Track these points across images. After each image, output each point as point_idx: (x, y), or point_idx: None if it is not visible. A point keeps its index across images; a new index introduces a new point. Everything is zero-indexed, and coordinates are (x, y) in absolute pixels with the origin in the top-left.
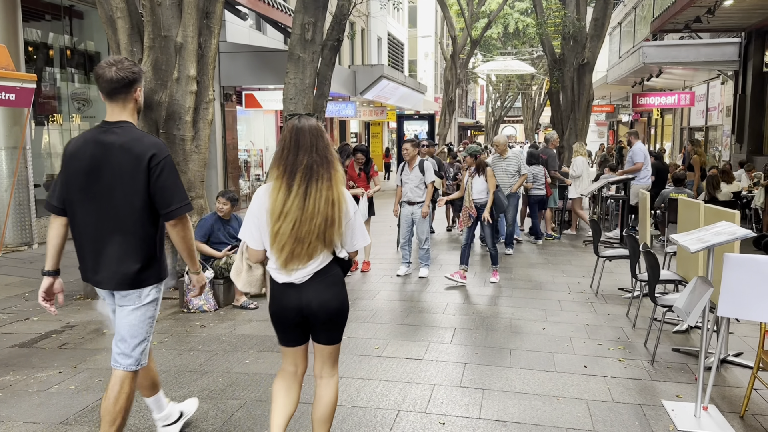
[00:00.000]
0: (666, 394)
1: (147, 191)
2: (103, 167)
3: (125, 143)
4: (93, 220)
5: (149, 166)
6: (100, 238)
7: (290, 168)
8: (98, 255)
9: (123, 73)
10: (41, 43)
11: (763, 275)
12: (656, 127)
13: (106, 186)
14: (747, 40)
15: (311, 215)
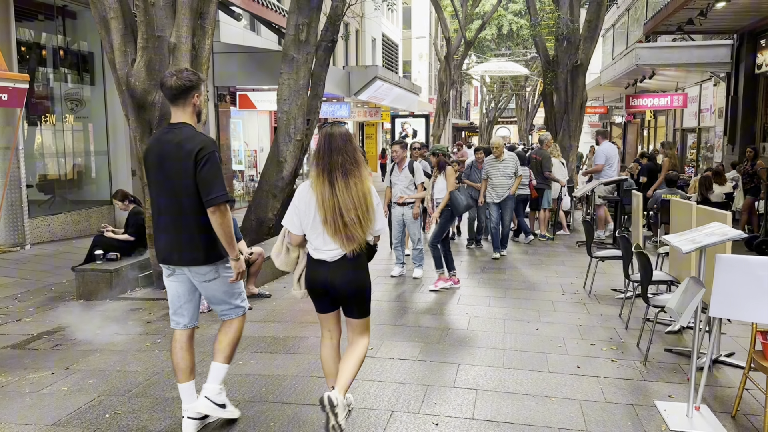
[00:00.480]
0: (658, 394)
1: (193, 181)
2: (165, 161)
3: (181, 141)
4: (164, 205)
5: (196, 159)
6: (169, 221)
7: (327, 167)
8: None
9: (181, 81)
10: (34, 43)
11: (755, 276)
12: (649, 128)
13: (170, 177)
14: (739, 42)
15: (350, 205)
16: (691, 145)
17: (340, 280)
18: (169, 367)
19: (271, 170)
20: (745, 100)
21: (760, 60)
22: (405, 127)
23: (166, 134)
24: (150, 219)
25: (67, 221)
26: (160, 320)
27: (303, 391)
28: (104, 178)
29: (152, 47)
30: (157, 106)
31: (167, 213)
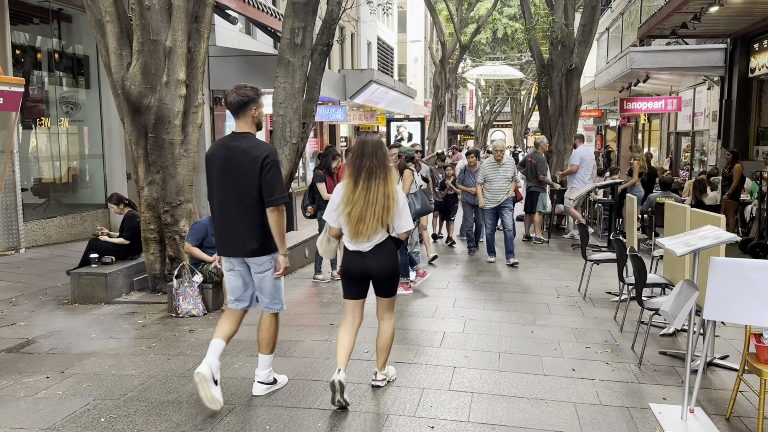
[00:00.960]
0: (653, 396)
1: (259, 184)
2: (230, 165)
3: (246, 148)
4: (224, 205)
5: (262, 164)
6: (228, 219)
7: (357, 169)
8: (227, 230)
9: (238, 97)
10: (29, 46)
11: (748, 279)
12: (644, 131)
13: (233, 179)
14: (732, 46)
15: (372, 203)
16: (685, 149)
17: (373, 267)
18: (164, 371)
19: None
20: (739, 104)
21: (753, 64)
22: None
23: (232, 141)
24: (144, 223)
25: (61, 225)
26: (155, 324)
27: (299, 395)
28: (99, 182)
29: (148, 51)
30: (153, 109)
31: (229, 210)
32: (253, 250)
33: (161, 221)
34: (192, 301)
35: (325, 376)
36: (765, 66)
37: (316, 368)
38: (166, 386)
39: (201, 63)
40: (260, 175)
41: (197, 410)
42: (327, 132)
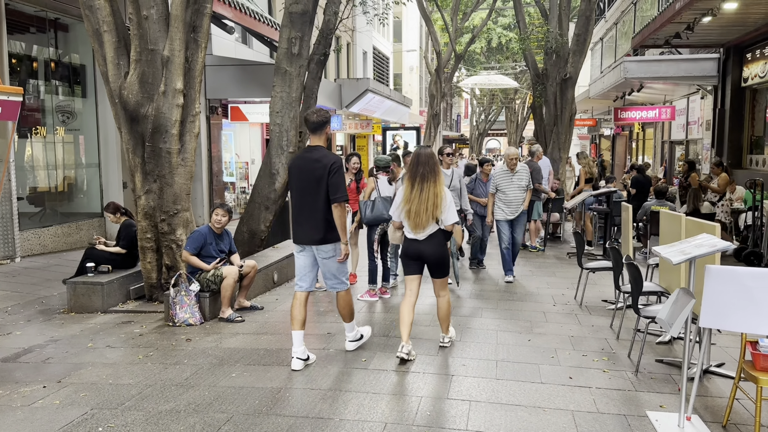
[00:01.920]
0: (650, 404)
1: (326, 186)
2: (305, 171)
3: (318, 158)
4: (301, 204)
5: (329, 170)
6: (303, 214)
7: (413, 175)
8: (302, 223)
9: (319, 118)
10: (25, 55)
11: (744, 286)
12: (638, 140)
13: (309, 183)
14: (725, 55)
15: (424, 200)
16: (679, 157)
17: (426, 251)
18: (161, 380)
19: (263, 182)
20: (732, 113)
21: (746, 73)
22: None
23: (308, 153)
24: (141, 232)
25: (57, 234)
26: (152, 333)
27: (297, 404)
28: (95, 191)
29: (145, 60)
30: (150, 118)
31: (306, 207)
32: (318, 239)
33: (158, 230)
34: (189, 310)
35: (324, 385)
36: (758, 75)
37: (313, 377)
38: (164, 395)
39: (198, 72)
40: (328, 178)
41: (195, 419)
42: None
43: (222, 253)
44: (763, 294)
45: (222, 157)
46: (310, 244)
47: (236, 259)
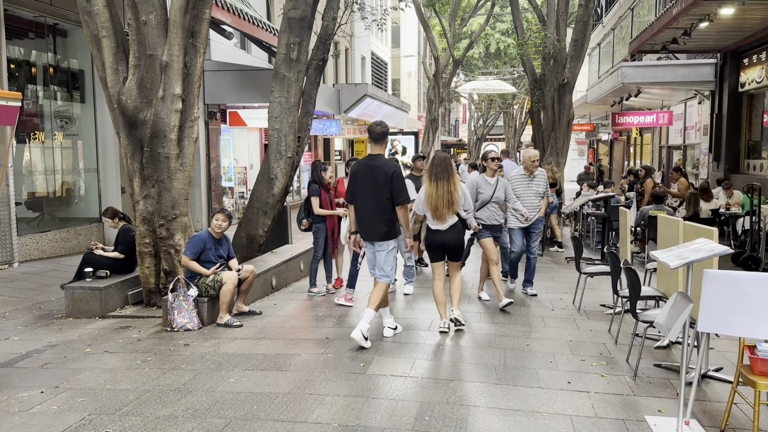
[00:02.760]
0: (648, 409)
1: (390, 190)
2: (369, 178)
3: (381, 165)
4: (365, 206)
5: (392, 177)
6: (368, 215)
7: (431, 175)
8: (367, 223)
9: (381, 130)
10: (24, 61)
11: (742, 291)
12: (635, 145)
13: (372, 187)
14: (723, 61)
15: (443, 196)
16: (677, 162)
17: (448, 239)
18: (159, 385)
19: (261, 187)
20: (729, 118)
21: (743, 78)
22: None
23: (371, 161)
24: (139, 237)
25: (55, 239)
26: (150, 338)
27: (295, 409)
28: (94, 196)
29: (144, 65)
30: (149, 123)
31: (369, 208)
32: (380, 236)
33: (156, 235)
34: (187, 315)
35: (322, 390)
36: (755, 80)
37: (311, 382)
38: (162, 400)
39: (197, 77)
40: (391, 184)
41: (193, 425)
42: (322, 146)
43: (221, 259)
44: (760, 298)
45: (221, 162)
46: (372, 240)
47: (234, 264)
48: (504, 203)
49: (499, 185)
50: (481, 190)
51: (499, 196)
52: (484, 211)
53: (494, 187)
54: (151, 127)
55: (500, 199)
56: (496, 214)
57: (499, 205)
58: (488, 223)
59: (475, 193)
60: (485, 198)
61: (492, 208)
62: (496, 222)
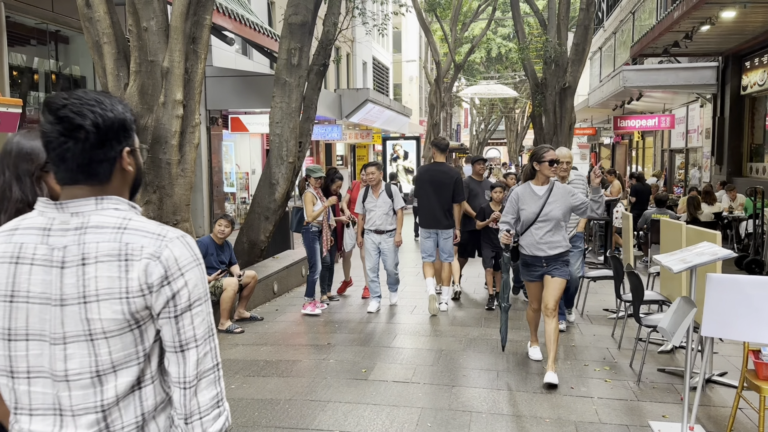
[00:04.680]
0: (652, 414)
1: (452, 191)
2: (434, 180)
3: (445, 171)
4: (430, 202)
5: (454, 181)
6: (433, 209)
7: None
8: (430, 215)
9: (445, 142)
10: (26, 67)
11: (745, 295)
12: (637, 149)
13: (436, 188)
14: (724, 64)
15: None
16: (679, 166)
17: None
18: None
19: (263, 193)
20: (732, 121)
21: (745, 81)
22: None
23: (435, 167)
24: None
25: None
26: None
27: (297, 415)
28: None
29: (145, 72)
30: (150, 129)
31: (432, 204)
32: (444, 225)
33: None
34: None
35: (324, 396)
36: (757, 83)
37: (313, 387)
38: None
39: (198, 83)
40: (453, 187)
41: None
42: (323, 151)
43: (222, 264)
44: (765, 302)
45: (222, 168)
46: (437, 229)
47: (236, 270)
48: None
49: (554, 196)
50: (523, 205)
51: (551, 212)
52: (526, 237)
53: (544, 198)
54: (153, 133)
55: (555, 217)
56: (550, 241)
57: (555, 227)
58: (529, 253)
59: (515, 210)
60: (528, 217)
61: (540, 232)
62: (544, 253)
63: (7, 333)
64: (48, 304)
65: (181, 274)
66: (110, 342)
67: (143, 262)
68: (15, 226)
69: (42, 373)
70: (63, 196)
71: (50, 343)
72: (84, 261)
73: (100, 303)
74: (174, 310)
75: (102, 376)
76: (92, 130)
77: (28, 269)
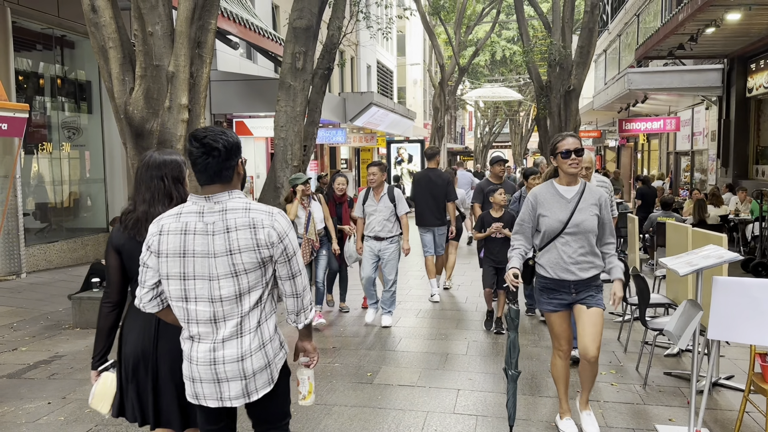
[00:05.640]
0: (659, 418)
1: (445, 192)
2: (430, 183)
3: (439, 175)
4: (427, 202)
5: (446, 183)
6: (429, 209)
7: None
8: (427, 215)
9: (431, 152)
10: (32, 72)
11: (752, 298)
12: (643, 151)
13: (431, 190)
14: (730, 66)
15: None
16: (684, 168)
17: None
18: None
19: (268, 196)
20: (737, 123)
21: (750, 84)
22: (401, 152)
23: (429, 172)
24: None
25: (63, 249)
26: None
27: (302, 419)
28: (101, 206)
29: (150, 76)
30: (155, 133)
31: (431, 204)
32: (437, 224)
33: None
34: None
35: (329, 400)
36: (762, 86)
37: (318, 392)
38: None
39: (203, 87)
40: (446, 188)
41: None
42: (328, 154)
43: None
44: None
45: None
46: (433, 227)
47: None
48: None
49: (585, 201)
50: (544, 210)
51: (584, 222)
52: (548, 253)
53: (574, 203)
54: (158, 137)
55: (588, 228)
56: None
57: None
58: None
59: (532, 218)
60: (552, 226)
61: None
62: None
63: (182, 275)
64: (206, 257)
65: (287, 235)
66: (248, 276)
67: (266, 230)
68: (179, 212)
69: (203, 298)
70: (203, 192)
71: (208, 280)
72: (228, 230)
73: (241, 254)
74: (286, 256)
75: (241, 296)
76: (223, 150)
77: (192, 237)
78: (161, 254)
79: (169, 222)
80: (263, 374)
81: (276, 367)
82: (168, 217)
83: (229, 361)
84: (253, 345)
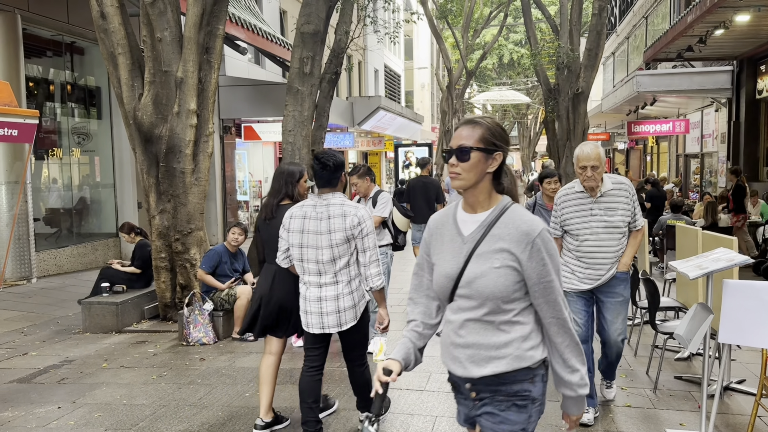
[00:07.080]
0: (669, 422)
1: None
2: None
3: (429, 181)
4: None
5: (435, 188)
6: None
7: None
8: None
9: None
10: (42, 78)
11: (763, 301)
12: (652, 154)
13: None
14: (739, 68)
15: None
16: (694, 171)
17: None
18: (175, 400)
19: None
20: (747, 126)
21: (760, 85)
22: (408, 156)
23: (422, 179)
24: (155, 252)
25: (73, 254)
26: (166, 352)
27: None
28: (110, 211)
29: (159, 82)
30: (164, 139)
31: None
32: None
33: (172, 249)
34: (203, 329)
35: (338, 404)
36: None
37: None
38: (178, 416)
39: (212, 93)
40: (436, 192)
41: None
42: None
43: (236, 273)
44: None
45: (236, 176)
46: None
47: (249, 278)
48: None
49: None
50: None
51: (478, 278)
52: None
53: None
54: (167, 143)
55: (486, 291)
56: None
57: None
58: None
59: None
60: (440, 284)
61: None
62: (462, 370)
63: (300, 245)
64: (316, 234)
65: (364, 221)
66: (339, 248)
67: (350, 218)
68: (302, 204)
69: (311, 260)
70: (320, 193)
71: (315, 248)
72: (329, 217)
73: (336, 233)
74: (362, 234)
75: (335, 260)
76: (332, 167)
77: (308, 221)
78: (290, 231)
79: (295, 211)
80: (351, 311)
81: (359, 308)
82: (296, 208)
83: (329, 299)
84: (345, 290)
